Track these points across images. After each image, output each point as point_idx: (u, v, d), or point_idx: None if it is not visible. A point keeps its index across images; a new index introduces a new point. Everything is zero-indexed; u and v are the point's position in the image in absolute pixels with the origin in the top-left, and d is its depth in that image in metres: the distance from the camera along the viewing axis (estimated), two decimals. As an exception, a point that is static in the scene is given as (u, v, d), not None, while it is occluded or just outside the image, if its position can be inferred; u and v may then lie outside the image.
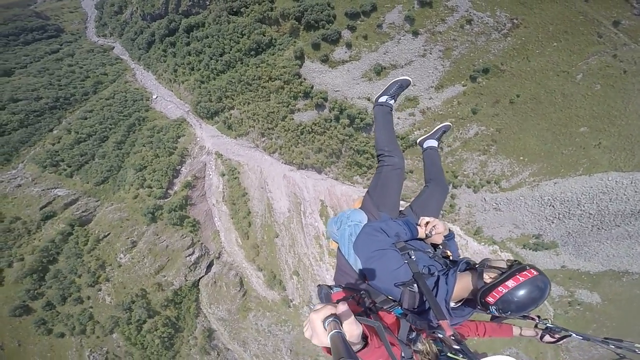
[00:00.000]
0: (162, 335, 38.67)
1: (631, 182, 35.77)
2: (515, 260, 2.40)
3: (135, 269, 40.65)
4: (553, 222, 39.06)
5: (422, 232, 3.15)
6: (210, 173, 42.96)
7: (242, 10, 43.61)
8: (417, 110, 39.74)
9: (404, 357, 2.13)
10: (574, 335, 2.79)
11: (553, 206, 38.56)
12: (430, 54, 38.95)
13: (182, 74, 46.20)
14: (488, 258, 2.54)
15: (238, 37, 42.51)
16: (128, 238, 39.99)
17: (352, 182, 43.30)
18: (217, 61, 43.27)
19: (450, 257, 3.12)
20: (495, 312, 2.30)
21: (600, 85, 37.16)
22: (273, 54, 41.19)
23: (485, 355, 2.01)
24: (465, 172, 38.93)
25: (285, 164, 42.90)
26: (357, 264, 2.99)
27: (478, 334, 3.41)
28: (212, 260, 43.27)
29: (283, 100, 40.33)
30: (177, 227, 40.88)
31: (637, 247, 37.95)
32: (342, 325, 1.45)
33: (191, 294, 42.39)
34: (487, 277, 2.39)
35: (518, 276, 2.22)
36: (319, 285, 2.83)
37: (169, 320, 40.57)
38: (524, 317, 2.53)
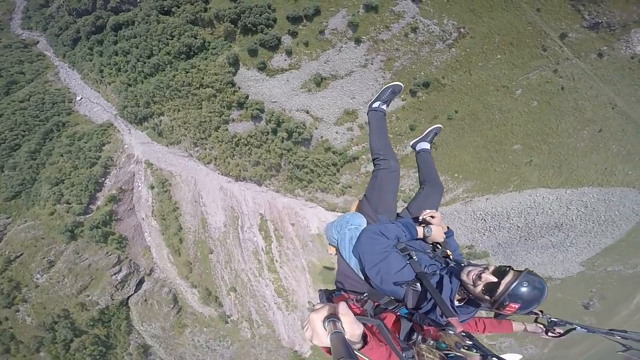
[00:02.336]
0: (93, 353, 36.95)
1: (556, 198, 37.60)
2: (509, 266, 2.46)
3: (54, 289, 37.66)
4: (484, 234, 40.00)
5: (420, 232, 3.21)
6: (140, 184, 39.87)
7: (173, 10, 39.94)
8: (355, 124, 38.35)
9: (405, 357, 2.13)
10: (578, 328, 2.84)
11: (485, 220, 39.37)
12: (372, 64, 37.45)
13: (108, 75, 42.11)
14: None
15: (167, 38, 39.01)
16: (44, 258, 36.70)
17: (294, 195, 41.96)
18: (144, 63, 39.61)
19: (451, 257, 3.18)
20: (504, 304, 2.31)
21: (537, 102, 37.27)
22: (205, 59, 38.13)
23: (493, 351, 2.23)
24: (402, 188, 38.50)
25: (222, 175, 40.63)
26: (359, 267, 3.00)
27: (478, 330, 3.39)
28: (143, 277, 40.88)
29: (216, 110, 37.58)
30: (101, 244, 37.92)
31: (559, 255, 39.75)
32: (342, 325, 1.44)
33: (120, 312, 40.13)
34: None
35: (523, 274, 2.31)
36: (320, 290, 2.92)
37: (98, 338, 38.57)
38: (528, 312, 2.57)
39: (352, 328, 1.50)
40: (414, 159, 4.81)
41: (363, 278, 2.97)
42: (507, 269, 2.42)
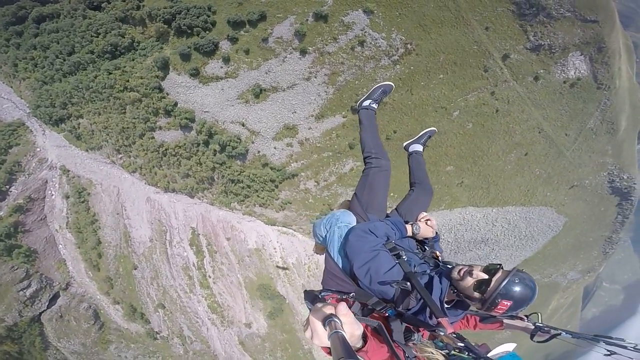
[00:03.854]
0: (6, 368, 33.35)
1: (483, 216, 41.37)
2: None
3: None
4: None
5: (409, 229, 3.21)
6: (53, 193, 35.99)
7: (102, 5, 36.15)
8: (295, 140, 36.88)
9: (408, 357, 2.16)
10: (563, 334, 2.81)
11: (417, 236, 40.66)
12: (315, 77, 36.07)
13: (23, 70, 37.31)
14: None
15: (92, 35, 35.23)
16: None
17: (231, 209, 40.15)
18: (64, 60, 35.54)
19: (440, 258, 3.13)
20: (495, 302, 2.26)
21: (472, 124, 38.30)
22: (132, 60, 34.82)
23: (488, 347, 2.34)
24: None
25: (149, 185, 37.77)
26: (347, 267, 2.94)
27: (468, 327, 3.29)
28: (58, 292, 37.34)
29: (140, 116, 34.49)
30: (6, 258, 33.88)
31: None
32: (342, 325, 1.43)
33: (32, 329, 36.82)
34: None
35: (513, 271, 2.32)
36: (305, 290, 2.79)
37: (9, 355, 35.38)
38: (512, 317, 2.73)
39: (352, 328, 1.49)
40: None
41: (351, 278, 2.89)
42: (498, 266, 2.41)
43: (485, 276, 2.36)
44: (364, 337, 1.85)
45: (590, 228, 44.95)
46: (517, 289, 2.24)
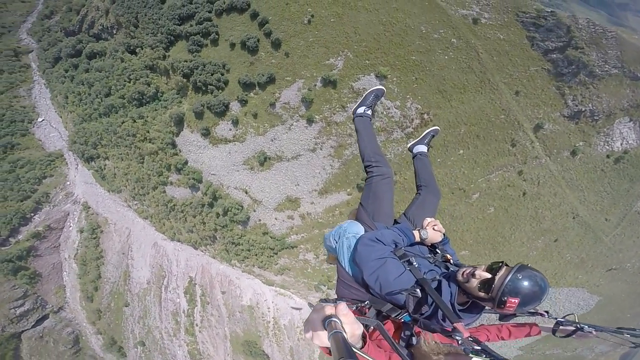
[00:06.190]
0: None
1: None
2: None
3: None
4: None
5: (417, 235, 3.20)
6: (71, 225, 38.94)
7: (137, 50, 38.55)
8: (296, 213, 34.87)
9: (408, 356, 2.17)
10: (585, 327, 2.72)
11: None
12: (321, 149, 33.75)
13: (71, 103, 41.47)
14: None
15: (125, 80, 37.60)
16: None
17: (231, 265, 39.68)
18: (101, 101, 38.48)
19: (451, 261, 3.15)
20: (503, 300, 2.25)
21: (494, 208, 33.08)
22: (155, 110, 36.19)
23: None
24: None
25: (158, 232, 39.03)
26: (359, 275, 2.95)
27: (502, 337, 3.27)
28: (48, 314, 39.59)
29: (155, 169, 35.68)
30: (10, 277, 36.73)
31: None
32: (342, 325, 1.43)
33: (9, 343, 38.31)
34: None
35: (516, 266, 2.30)
36: (320, 300, 2.67)
37: None
38: (533, 313, 2.58)
39: (352, 328, 1.48)
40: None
41: (362, 286, 2.92)
42: (500, 264, 2.38)
43: (489, 275, 2.35)
44: (364, 338, 1.78)
45: (629, 304, 37.43)
46: (521, 284, 2.19)
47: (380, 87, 4.46)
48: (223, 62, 34.44)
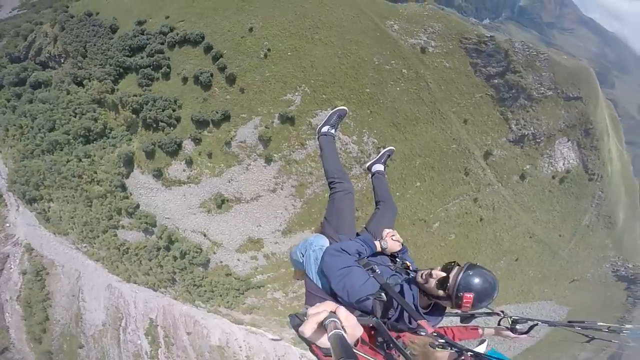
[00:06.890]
0: None
1: None
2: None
3: None
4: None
5: (378, 245, 3.33)
6: (12, 267, 35.82)
7: (84, 82, 35.61)
8: (260, 254, 33.43)
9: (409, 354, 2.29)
10: (539, 323, 2.92)
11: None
12: (282, 189, 32.12)
13: (12, 137, 38.01)
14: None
15: (70, 115, 34.75)
16: None
17: (195, 305, 37.78)
18: (44, 136, 35.36)
19: (411, 268, 3.25)
20: (459, 296, 2.34)
21: (455, 235, 34.32)
22: (103, 148, 33.61)
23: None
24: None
25: (111, 273, 36.50)
26: (327, 285, 3.00)
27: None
28: None
29: (104, 212, 33.19)
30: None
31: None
32: (342, 326, 1.40)
33: None
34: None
35: (466, 265, 2.43)
36: (290, 315, 2.46)
37: None
38: (489, 314, 2.77)
39: (354, 330, 1.47)
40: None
41: (331, 296, 2.95)
42: (453, 263, 2.52)
43: (444, 274, 2.46)
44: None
45: (597, 311, 39.75)
46: (473, 280, 2.30)
47: (343, 107, 4.55)
48: (175, 98, 32.30)
